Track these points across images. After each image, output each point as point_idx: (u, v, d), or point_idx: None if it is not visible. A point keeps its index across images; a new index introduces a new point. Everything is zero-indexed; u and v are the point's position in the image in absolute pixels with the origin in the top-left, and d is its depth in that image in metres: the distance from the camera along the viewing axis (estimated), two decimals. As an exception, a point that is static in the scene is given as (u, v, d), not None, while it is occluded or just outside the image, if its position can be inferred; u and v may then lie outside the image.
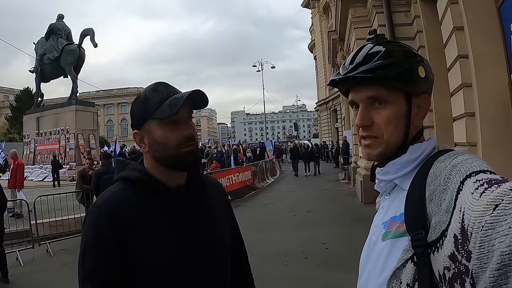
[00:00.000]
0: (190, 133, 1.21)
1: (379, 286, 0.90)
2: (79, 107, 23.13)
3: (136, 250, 1.14)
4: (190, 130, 1.22)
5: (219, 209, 1.39)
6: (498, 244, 0.56)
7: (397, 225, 0.90)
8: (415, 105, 0.96)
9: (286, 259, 6.01)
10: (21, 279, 5.83)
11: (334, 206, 10.65)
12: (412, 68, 0.94)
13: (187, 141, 1.20)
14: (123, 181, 1.26)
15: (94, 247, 1.13)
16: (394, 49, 0.96)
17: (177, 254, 1.17)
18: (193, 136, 1.23)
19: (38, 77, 25.38)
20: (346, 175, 16.69)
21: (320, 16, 36.27)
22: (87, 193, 8.42)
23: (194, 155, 1.24)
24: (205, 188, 1.37)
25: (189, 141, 1.21)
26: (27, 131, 25.81)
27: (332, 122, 36.38)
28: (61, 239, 7.71)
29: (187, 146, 1.20)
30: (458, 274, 0.66)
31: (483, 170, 0.74)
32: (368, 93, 0.95)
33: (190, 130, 1.22)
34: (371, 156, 1.00)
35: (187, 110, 1.22)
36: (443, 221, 0.73)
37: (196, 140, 1.25)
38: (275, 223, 8.95)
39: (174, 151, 1.19)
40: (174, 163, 1.22)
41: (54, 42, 24.10)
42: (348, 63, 0.98)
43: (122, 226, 1.14)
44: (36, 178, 21.59)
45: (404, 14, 8.45)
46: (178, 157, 1.20)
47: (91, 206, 1.23)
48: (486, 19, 4.16)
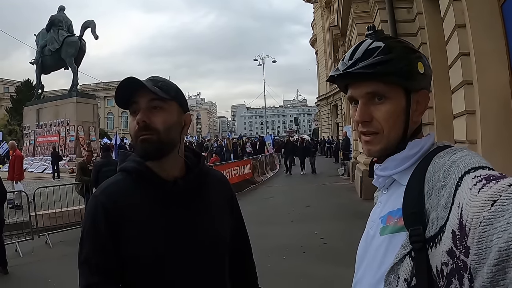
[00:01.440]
0: (140, 120, 1.17)
1: (376, 280, 0.91)
2: (79, 99, 23.09)
3: (129, 241, 1.17)
4: (142, 117, 1.17)
5: (218, 203, 1.37)
6: (496, 240, 0.57)
7: (395, 220, 0.91)
8: (414, 101, 0.96)
9: (284, 253, 6.04)
10: (20, 271, 5.86)
11: (333, 201, 10.66)
12: (411, 63, 0.94)
13: (140, 130, 1.18)
14: (123, 172, 1.28)
15: (90, 236, 1.19)
16: (394, 45, 0.96)
17: (170, 246, 1.18)
18: (144, 125, 1.17)
19: (38, 69, 25.32)
20: (346, 171, 16.70)
21: (322, 11, 36.17)
22: (86, 185, 8.43)
23: (147, 144, 1.18)
24: (206, 180, 1.36)
25: (141, 130, 1.18)
26: (27, 123, 25.80)
27: (333, 117, 36.37)
28: (61, 231, 7.73)
29: (141, 135, 1.18)
30: (456, 270, 0.67)
31: (482, 166, 0.74)
32: (367, 88, 0.95)
33: (142, 117, 1.17)
34: (371, 152, 1.00)
35: (146, 98, 1.18)
36: (441, 216, 0.74)
37: (154, 129, 1.18)
38: (274, 217, 8.97)
39: (134, 140, 1.22)
40: (137, 152, 1.23)
41: (55, 34, 24.02)
42: (347, 59, 0.98)
43: (116, 217, 1.18)
44: (36, 170, 21.61)
45: (406, 11, 8.41)
46: (137, 147, 1.21)
47: (91, 196, 1.27)
48: (489, 16, 4.15)
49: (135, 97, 1.19)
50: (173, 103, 1.24)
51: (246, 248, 1.56)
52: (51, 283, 5.23)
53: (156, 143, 1.18)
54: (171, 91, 1.24)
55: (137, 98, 1.19)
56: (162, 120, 1.19)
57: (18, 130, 35.39)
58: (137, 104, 1.19)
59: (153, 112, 1.19)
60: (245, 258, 1.55)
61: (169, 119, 1.21)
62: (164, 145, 1.21)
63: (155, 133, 1.18)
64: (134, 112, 1.21)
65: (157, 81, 1.23)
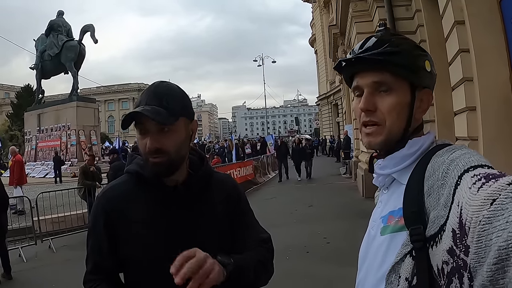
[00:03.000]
0: (151, 146, 1.16)
1: (378, 280, 0.91)
2: (80, 103, 23.16)
3: (128, 242, 1.21)
4: (153, 144, 1.16)
5: (221, 206, 1.34)
6: (496, 239, 0.57)
7: (396, 219, 0.91)
8: (418, 98, 0.97)
9: (288, 254, 6.02)
10: (24, 276, 5.86)
11: (335, 201, 10.65)
12: (419, 59, 0.95)
13: (151, 153, 1.17)
14: (128, 174, 1.31)
15: (91, 236, 1.29)
16: (403, 41, 0.98)
17: (170, 247, 1.17)
18: (155, 149, 1.16)
19: (38, 74, 25.40)
20: (347, 170, 16.69)
21: (320, 11, 36.16)
22: (89, 189, 8.46)
23: (158, 167, 1.18)
24: (209, 182, 1.36)
25: (153, 153, 1.17)
26: (28, 128, 25.88)
27: (333, 116, 36.34)
28: (64, 235, 7.72)
29: (152, 158, 1.17)
30: (457, 269, 0.67)
31: (481, 164, 0.74)
32: (374, 78, 0.96)
33: (152, 144, 1.16)
34: (372, 144, 1.00)
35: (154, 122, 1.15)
36: (441, 215, 0.74)
37: (165, 152, 1.17)
38: (276, 218, 8.95)
39: (144, 157, 1.21)
40: (148, 172, 1.23)
41: (55, 39, 24.10)
42: (357, 48, 0.99)
43: (114, 219, 1.23)
44: (38, 175, 21.68)
45: (405, 8, 8.40)
46: (148, 165, 1.21)
47: None
48: (487, 13, 4.14)
49: (141, 119, 1.17)
50: (180, 120, 1.21)
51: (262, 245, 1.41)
52: (55, 287, 5.23)
53: (167, 165, 1.19)
54: (177, 107, 1.20)
55: (143, 120, 1.16)
56: (173, 143, 1.18)
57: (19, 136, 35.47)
58: (144, 125, 1.17)
59: (163, 135, 1.17)
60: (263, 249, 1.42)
61: (179, 139, 1.20)
62: (175, 164, 1.22)
63: (167, 155, 1.17)
64: (141, 131, 1.19)
65: (161, 99, 1.18)
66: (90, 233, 1.29)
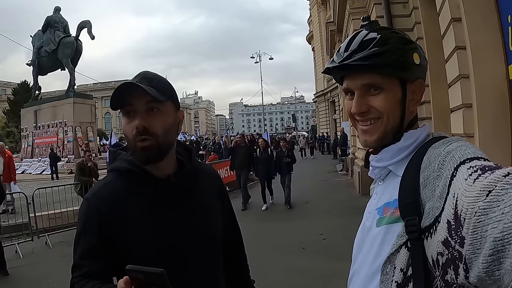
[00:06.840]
0: (139, 125, 1.14)
1: (373, 271, 0.91)
2: (77, 99, 23.06)
3: (124, 241, 1.17)
4: (141, 123, 1.14)
5: (211, 196, 1.38)
6: (491, 230, 0.57)
7: (391, 211, 0.91)
8: (410, 91, 0.96)
9: (284, 250, 6.04)
10: (21, 272, 5.85)
11: (332, 197, 10.67)
12: (407, 54, 0.94)
13: (139, 135, 1.15)
14: (114, 172, 1.27)
15: (81, 240, 1.19)
16: (389, 36, 0.95)
17: (165, 242, 1.19)
18: (143, 128, 1.14)
19: (35, 70, 25.29)
20: (344, 167, 16.70)
21: (318, 8, 36.11)
22: (85, 186, 8.45)
23: (147, 152, 1.16)
24: (198, 175, 1.36)
25: (140, 134, 1.15)
26: (25, 124, 25.75)
27: (330, 113, 36.30)
28: (60, 232, 7.70)
29: (140, 141, 1.15)
30: (452, 260, 0.67)
31: (477, 157, 0.74)
32: (363, 80, 0.95)
33: (140, 123, 1.14)
34: (368, 143, 1.00)
35: (143, 101, 1.15)
36: (437, 207, 0.74)
37: (153, 134, 1.16)
38: (272, 214, 8.98)
39: (132, 145, 1.19)
40: (137, 157, 1.20)
41: (51, 35, 23.98)
42: (342, 50, 0.98)
43: (109, 219, 1.17)
44: (34, 171, 21.59)
45: (402, 5, 8.39)
46: (136, 151, 1.18)
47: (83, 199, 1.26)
48: (484, 10, 4.14)
49: (130, 99, 1.15)
50: (169, 103, 1.21)
51: (239, 240, 1.58)
52: (51, 283, 5.22)
53: (156, 149, 1.17)
54: (166, 90, 1.21)
55: (132, 100, 1.15)
56: (161, 124, 1.17)
57: (16, 132, 35.34)
58: (132, 106, 1.16)
59: (151, 115, 1.16)
60: (238, 250, 1.57)
61: (167, 122, 1.19)
62: (164, 148, 1.20)
63: (154, 137, 1.16)
64: (128, 113, 1.17)
65: (151, 79, 1.19)
66: (80, 237, 1.19)
